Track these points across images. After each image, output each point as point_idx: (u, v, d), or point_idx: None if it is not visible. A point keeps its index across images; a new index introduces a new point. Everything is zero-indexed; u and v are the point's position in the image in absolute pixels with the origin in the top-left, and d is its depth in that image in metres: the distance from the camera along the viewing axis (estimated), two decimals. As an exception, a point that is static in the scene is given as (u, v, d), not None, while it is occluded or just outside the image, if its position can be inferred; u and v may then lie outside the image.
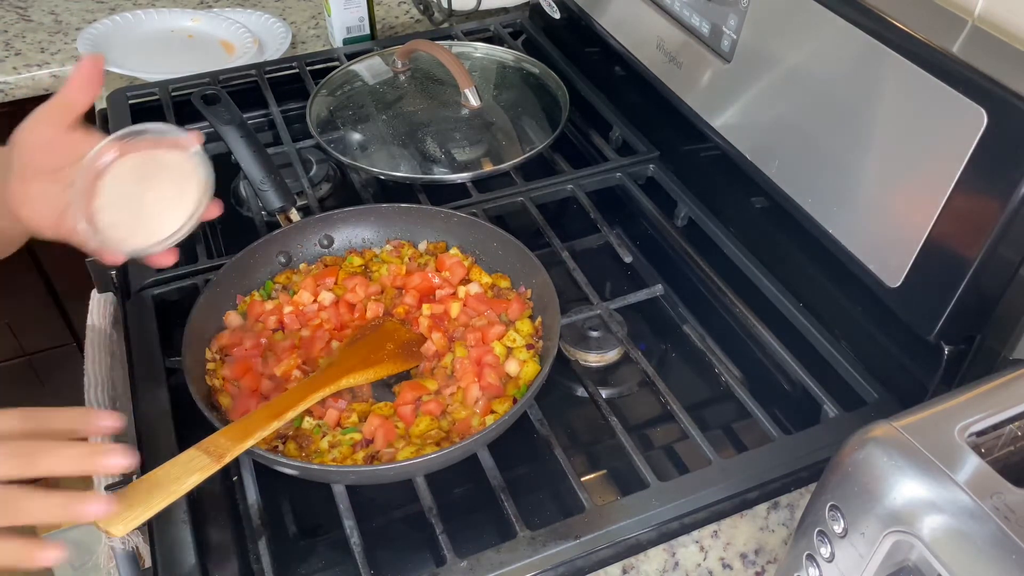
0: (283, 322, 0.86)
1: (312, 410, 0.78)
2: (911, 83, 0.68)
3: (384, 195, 1.07)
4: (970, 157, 0.64)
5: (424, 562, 0.72)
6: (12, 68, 1.35)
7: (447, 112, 1.12)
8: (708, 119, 0.94)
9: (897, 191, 0.72)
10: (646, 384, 0.86)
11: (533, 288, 0.88)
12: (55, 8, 1.50)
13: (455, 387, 0.80)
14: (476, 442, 0.72)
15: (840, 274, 0.80)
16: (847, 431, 0.55)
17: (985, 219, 0.64)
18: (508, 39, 1.33)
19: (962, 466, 0.48)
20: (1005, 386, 0.54)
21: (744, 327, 0.90)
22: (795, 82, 0.81)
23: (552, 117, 1.13)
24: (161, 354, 0.84)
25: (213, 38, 1.42)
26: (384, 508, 0.78)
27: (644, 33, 1.04)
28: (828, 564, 0.55)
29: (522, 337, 0.84)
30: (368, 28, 1.36)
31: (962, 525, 0.47)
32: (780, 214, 0.85)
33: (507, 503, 0.71)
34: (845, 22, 0.73)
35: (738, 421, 0.84)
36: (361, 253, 0.94)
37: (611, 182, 1.08)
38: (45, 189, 0.68)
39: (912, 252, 0.71)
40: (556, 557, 0.68)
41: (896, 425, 0.51)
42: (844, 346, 0.85)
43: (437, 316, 0.87)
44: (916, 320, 0.73)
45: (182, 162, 0.69)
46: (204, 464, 0.63)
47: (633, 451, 0.75)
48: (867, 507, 0.51)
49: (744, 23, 0.85)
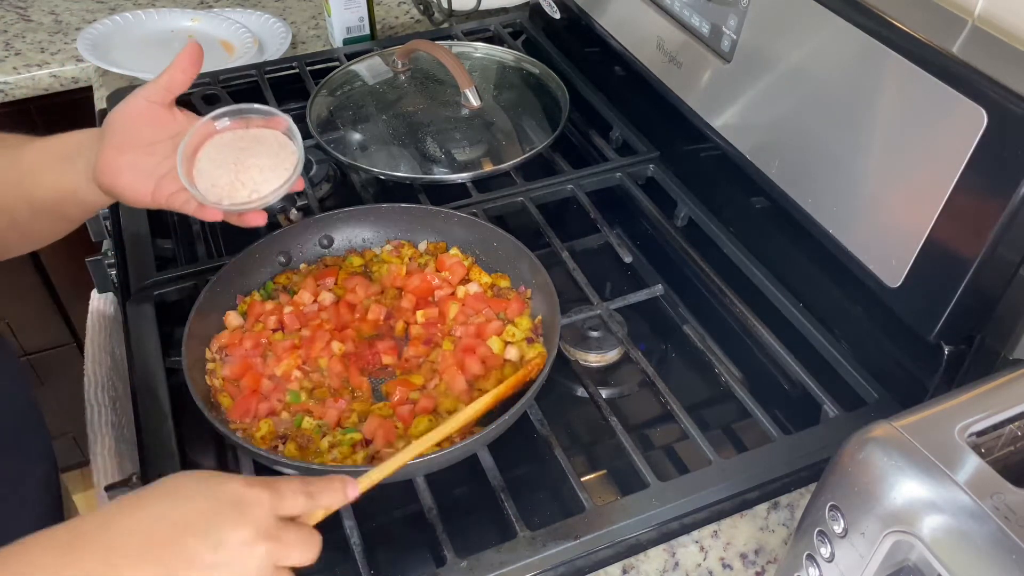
0: (283, 322, 0.86)
1: (312, 410, 0.78)
2: (911, 83, 0.68)
3: (384, 195, 1.07)
4: (970, 157, 0.64)
5: (424, 562, 0.72)
6: (12, 68, 1.34)
7: (447, 112, 1.12)
8: (708, 119, 0.94)
9: (897, 191, 0.72)
10: (646, 384, 0.86)
11: (533, 288, 0.88)
12: (55, 8, 1.50)
13: (438, 379, 0.81)
14: (476, 442, 0.72)
15: (840, 274, 0.80)
16: (847, 431, 0.55)
17: (985, 219, 0.64)
18: (508, 39, 1.33)
19: (962, 466, 0.48)
20: (1005, 386, 0.54)
21: (744, 327, 0.90)
22: (795, 82, 0.81)
23: (552, 117, 1.13)
24: (161, 354, 0.84)
25: (213, 38, 1.42)
26: (384, 508, 0.78)
27: (644, 33, 1.04)
28: (828, 564, 0.55)
29: (521, 332, 0.84)
30: (368, 28, 1.36)
31: (962, 525, 0.47)
32: (780, 214, 0.85)
33: (507, 503, 0.71)
34: (845, 22, 0.73)
35: (738, 421, 0.84)
36: (361, 253, 0.94)
37: (611, 182, 1.08)
38: (140, 160, 0.72)
39: (912, 252, 0.71)
40: (556, 557, 0.68)
41: (896, 425, 0.51)
42: (844, 346, 0.85)
43: (432, 319, 0.87)
44: (916, 320, 0.73)
45: (277, 136, 0.77)
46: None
47: (633, 451, 0.75)
48: (867, 507, 0.51)
49: (744, 23, 0.85)
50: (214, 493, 0.53)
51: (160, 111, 0.73)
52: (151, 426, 0.78)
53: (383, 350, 0.83)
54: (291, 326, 0.85)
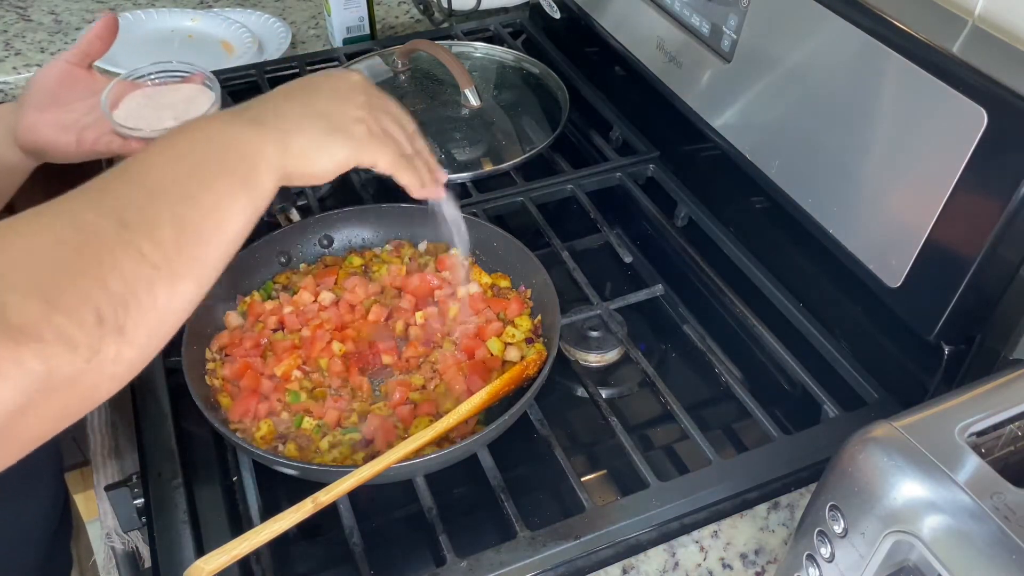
0: (283, 322, 0.86)
1: (312, 410, 0.78)
2: (911, 83, 0.68)
3: (384, 195, 1.07)
4: (970, 157, 0.64)
5: (424, 562, 0.72)
6: (12, 68, 1.34)
7: (447, 112, 1.12)
8: (708, 119, 0.94)
9: (897, 191, 0.72)
10: (646, 384, 0.86)
11: (533, 288, 0.88)
12: (55, 8, 1.50)
13: (439, 380, 0.81)
14: (476, 442, 0.72)
15: (840, 274, 0.80)
16: (847, 431, 0.55)
17: (985, 219, 0.64)
18: (508, 39, 1.33)
19: (962, 466, 0.48)
20: (1005, 386, 0.54)
21: (744, 327, 0.90)
22: (795, 82, 0.81)
23: (552, 117, 1.12)
24: (161, 354, 0.83)
25: (213, 38, 1.42)
26: (384, 508, 0.78)
27: (644, 33, 1.04)
28: (828, 564, 0.55)
29: (521, 332, 0.84)
30: (368, 28, 1.36)
31: (962, 525, 0.47)
32: (780, 214, 0.85)
33: (507, 503, 0.71)
34: (845, 22, 0.73)
35: (738, 421, 0.84)
36: (361, 253, 0.94)
37: (611, 182, 1.08)
38: (60, 117, 0.78)
39: (912, 252, 0.70)
40: (556, 557, 0.68)
41: (896, 425, 0.51)
42: (844, 346, 0.85)
43: (432, 318, 0.87)
44: (916, 320, 0.73)
45: (196, 87, 0.83)
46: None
47: (633, 451, 0.75)
48: (867, 507, 0.51)
49: (744, 23, 0.85)
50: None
51: (79, 72, 0.80)
52: (151, 426, 0.78)
53: (383, 350, 0.83)
54: (291, 326, 0.85)
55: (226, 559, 0.61)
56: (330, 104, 0.63)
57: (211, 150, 0.56)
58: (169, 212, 0.52)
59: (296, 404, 0.78)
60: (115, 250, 0.49)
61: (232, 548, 0.62)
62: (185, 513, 0.71)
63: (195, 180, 0.54)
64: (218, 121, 0.59)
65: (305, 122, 0.61)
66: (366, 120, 0.65)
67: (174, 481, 0.73)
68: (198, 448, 0.78)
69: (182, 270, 0.52)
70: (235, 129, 0.58)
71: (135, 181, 0.53)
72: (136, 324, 0.49)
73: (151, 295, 0.50)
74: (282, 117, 0.61)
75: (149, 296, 0.50)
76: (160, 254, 0.51)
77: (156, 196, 0.52)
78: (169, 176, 0.54)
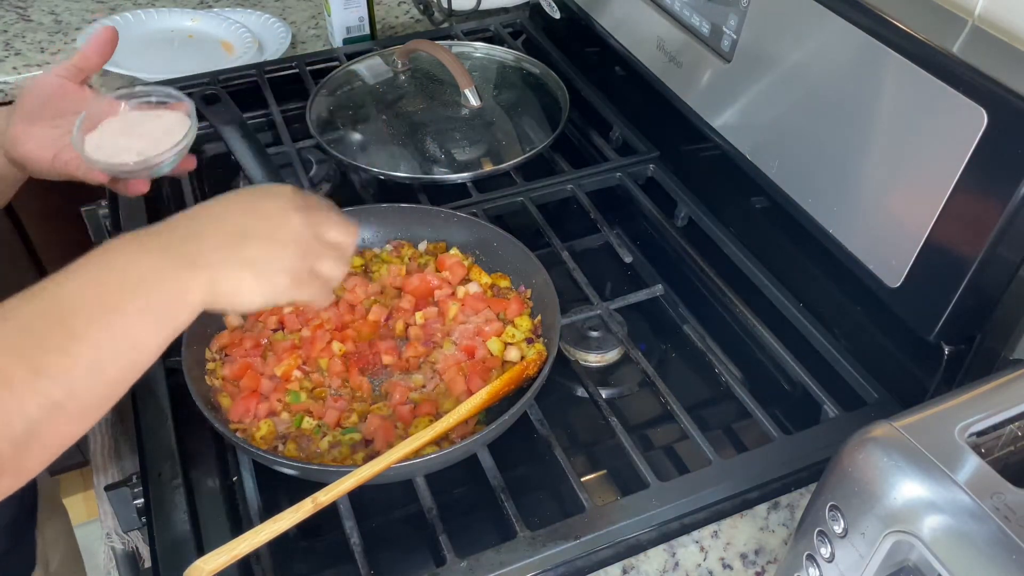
0: (283, 322, 0.86)
1: (312, 410, 0.78)
2: (911, 83, 0.68)
3: (384, 195, 1.07)
4: (970, 157, 0.64)
5: (424, 562, 0.72)
6: (12, 68, 1.34)
7: (447, 112, 1.12)
8: (708, 119, 0.94)
9: (897, 191, 0.72)
10: (646, 384, 0.86)
11: (533, 288, 0.88)
12: (55, 8, 1.50)
13: (439, 380, 0.81)
14: (476, 442, 0.72)
15: (840, 274, 0.80)
16: (847, 431, 0.55)
17: (985, 219, 0.64)
18: (508, 39, 1.32)
19: (962, 466, 0.48)
20: (1005, 386, 0.54)
21: (744, 327, 0.90)
22: (795, 82, 0.81)
23: (552, 117, 1.12)
24: (161, 354, 0.83)
25: (213, 38, 1.42)
26: (384, 508, 0.78)
27: (644, 33, 1.04)
28: (828, 564, 0.55)
29: (521, 332, 0.84)
30: (368, 28, 1.36)
31: (962, 525, 0.47)
32: (780, 214, 0.85)
33: (507, 503, 0.71)
34: (845, 22, 0.73)
35: (738, 421, 0.84)
36: (361, 253, 0.94)
37: (611, 182, 1.08)
38: (46, 132, 0.78)
39: (912, 252, 0.70)
40: (556, 557, 0.68)
41: (896, 425, 0.51)
42: (844, 346, 0.85)
43: (431, 318, 0.87)
44: (916, 320, 0.73)
45: (177, 116, 0.81)
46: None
47: (633, 451, 0.75)
48: (867, 507, 0.51)
49: (744, 23, 0.85)
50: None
51: (70, 88, 0.79)
52: (151, 426, 0.78)
53: (383, 350, 0.83)
54: (291, 326, 0.85)
55: (226, 559, 0.61)
56: (260, 251, 0.61)
57: (135, 284, 0.56)
58: (88, 357, 0.53)
59: (296, 404, 0.78)
60: (24, 397, 0.51)
61: (232, 548, 0.62)
62: (185, 513, 0.71)
63: (117, 315, 0.55)
64: (144, 252, 0.58)
65: (232, 267, 0.59)
66: (294, 270, 0.62)
67: (174, 481, 0.73)
68: (198, 448, 0.78)
69: (91, 412, 0.55)
70: (161, 263, 0.57)
71: (50, 314, 0.54)
72: (33, 457, 0.52)
73: (55, 432, 0.53)
74: (210, 255, 0.59)
75: (53, 433, 0.53)
76: (72, 398, 0.53)
77: (76, 338, 0.53)
78: (90, 308, 0.54)
